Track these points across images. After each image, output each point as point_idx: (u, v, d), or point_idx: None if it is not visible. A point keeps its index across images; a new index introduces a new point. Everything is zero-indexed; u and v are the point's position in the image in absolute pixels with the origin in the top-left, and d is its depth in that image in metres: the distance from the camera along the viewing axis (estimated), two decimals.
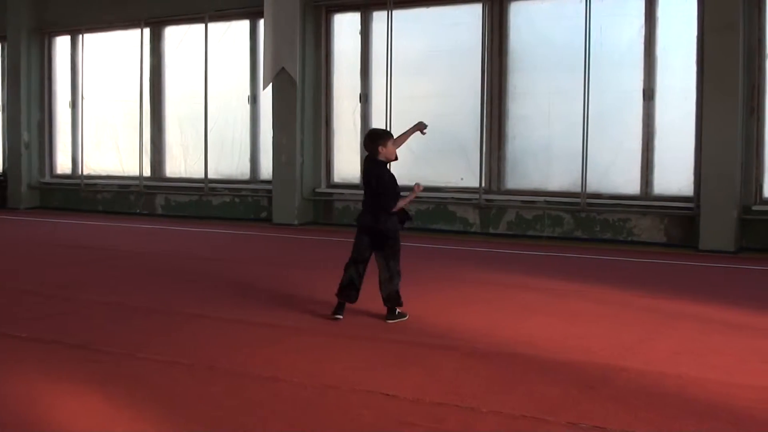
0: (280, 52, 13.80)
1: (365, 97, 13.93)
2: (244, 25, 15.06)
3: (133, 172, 16.26)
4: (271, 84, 14.03)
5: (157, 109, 16.07)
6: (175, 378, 5.25)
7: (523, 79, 12.66)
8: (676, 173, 11.58)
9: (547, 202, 12.34)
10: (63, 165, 17.48)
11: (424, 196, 12.83)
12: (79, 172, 16.98)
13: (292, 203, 13.92)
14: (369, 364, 5.55)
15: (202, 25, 15.25)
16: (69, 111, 17.24)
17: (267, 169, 14.59)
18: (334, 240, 12.08)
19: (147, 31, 16.03)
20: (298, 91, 13.82)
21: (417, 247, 10.55)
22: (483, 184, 12.78)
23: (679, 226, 11.46)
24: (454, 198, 13.01)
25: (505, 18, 12.72)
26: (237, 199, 15.03)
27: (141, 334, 6.37)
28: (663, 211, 11.55)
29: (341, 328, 6.58)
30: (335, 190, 14.15)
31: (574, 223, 12.12)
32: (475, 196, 12.78)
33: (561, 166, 12.41)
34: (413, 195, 6.90)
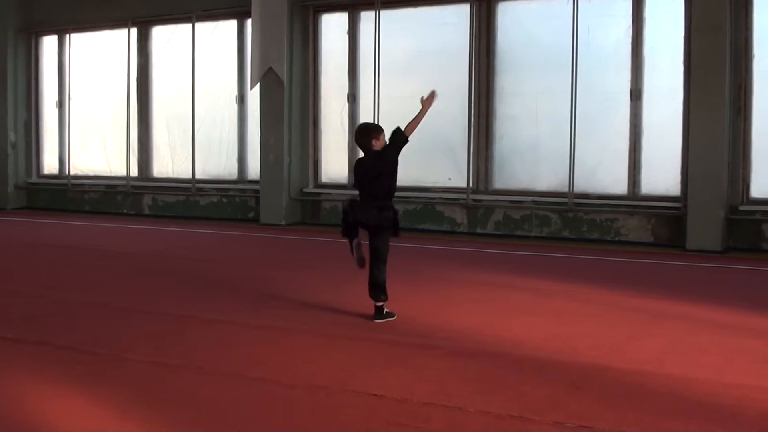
0: (267, 52, 13.77)
1: (353, 97, 13.92)
2: (232, 24, 15.02)
3: (121, 172, 16.20)
4: (258, 84, 14.00)
5: (145, 109, 16.02)
6: (163, 379, 5.24)
7: (510, 80, 12.69)
8: (663, 173, 11.62)
9: (535, 202, 12.36)
10: (50, 165, 17.39)
11: (412, 197, 12.87)
12: (66, 173, 16.90)
13: (280, 203, 13.90)
14: (357, 364, 5.55)
15: (190, 25, 15.21)
16: (56, 111, 17.16)
17: (254, 169, 14.56)
18: (322, 240, 12.08)
19: (134, 30, 15.97)
20: (286, 91, 13.80)
21: (405, 247, 10.53)
22: (471, 184, 12.79)
23: (666, 226, 11.50)
24: (441, 198, 13.01)
25: (493, 18, 12.73)
26: (224, 200, 15.00)
27: (128, 335, 6.35)
28: (650, 211, 11.58)
29: (329, 328, 6.57)
30: (323, 190, 14.13)
31: (562, 223, 12.14)
32: (463, 196, 12.79)
33: (548, 166, 12.44)
34: (429, 103, 7.21)
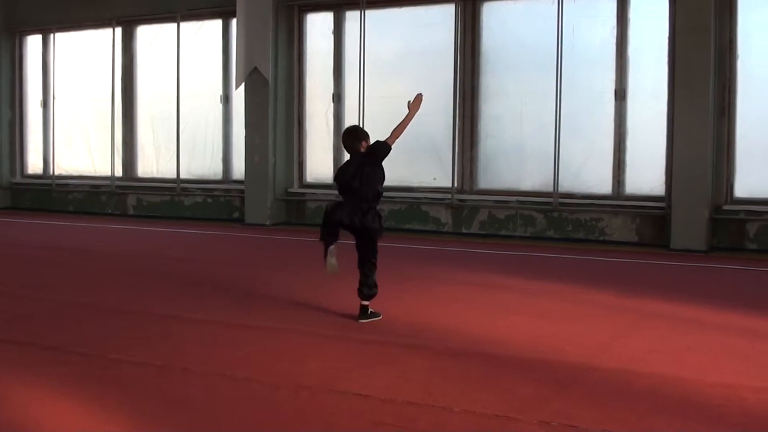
0: (252, 51, 13.75)
1: (338, 97, 13.91)
2: (217, 24, 14.98)
3: (105, 172, 16.13)
4: (243, 84, 13.97)
5: (129, 109, 15.96)
6: (149, 379, 5.22)
7: (495, 80, 12.70)
8: (647, 173, 11.66)
9: (520, 202, 12.38)
10: (34, 165, 17.30)
11: (397, 196, 12.87)
12: (51, 172, 16.82)
13: (265, 203, 13.87)
14: (342, 364, 5.55)
15: (175, 25, 15.16)
16: (40, 110, 17.06)
17: (239, 169, 14.53)
18: (307, 240, 12.05)
19: (119, 30, 15.90)
20: (271, 91, 13.78)
21: (390, 247, 10.49)
22: (456, 184, 12.79)
23: (650, 226, 11.54)
24: (427, 198, 13.01)
25: (478, 18, 12.75)
26: (209, 200, 14.96)
27: (113, 336, 6.32)
28: (635, 210, 11.62)
29: (314, 327, 6.56)
30: (308, 190, 14.10)
31: (547, 223, 12.17)
32: (448, 196, 12.79)
33: (533, 166, 12.46)
34: (416, 107, 7.25)
